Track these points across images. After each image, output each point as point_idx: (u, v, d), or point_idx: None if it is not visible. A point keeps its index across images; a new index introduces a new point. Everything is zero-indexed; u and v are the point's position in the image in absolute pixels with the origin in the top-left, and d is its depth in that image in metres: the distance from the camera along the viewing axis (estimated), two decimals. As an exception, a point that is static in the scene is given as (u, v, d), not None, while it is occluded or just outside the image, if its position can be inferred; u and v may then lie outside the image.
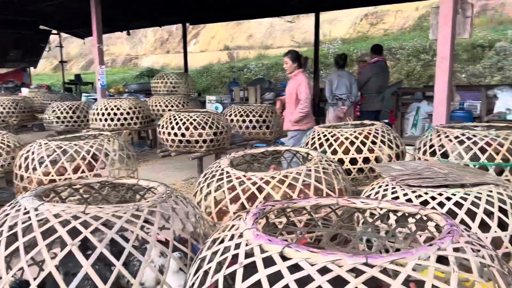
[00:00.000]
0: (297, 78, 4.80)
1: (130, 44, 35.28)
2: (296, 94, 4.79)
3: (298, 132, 4.89)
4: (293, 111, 4.83)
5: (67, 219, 1.53)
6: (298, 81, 4.78)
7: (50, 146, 3.51)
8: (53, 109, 7.17)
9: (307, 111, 4.77)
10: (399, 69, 18.19)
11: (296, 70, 4.81)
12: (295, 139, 4.88)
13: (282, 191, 2.33)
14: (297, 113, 4.78)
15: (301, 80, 4.76)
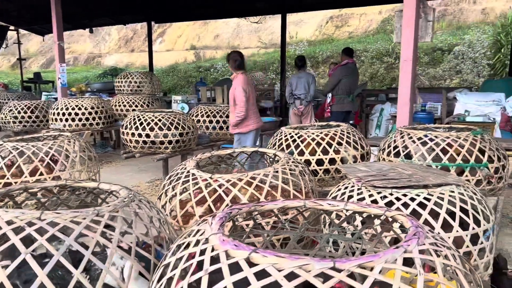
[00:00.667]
0: (235, 80, 4.72)
1: (93, 42, 34.36)
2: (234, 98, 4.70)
3: (240, 135, 4.81)
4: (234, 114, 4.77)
5: (21, 225, 1.44)
6: (234, 84, 4.68)
7: (5, 148, 3.33)
8: (10, 108, 6.84)
9: (243, 115, 4.63)
10: (363, 71, 18.58)
11: (236, 71, 4.73)
12: (238, 143, 4.83)
13: (249, 193, 2.30)
14: (235, 117, 4.69)
15: (237, 83, 4.63)
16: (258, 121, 4.83)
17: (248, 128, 4.74)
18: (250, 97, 4.67)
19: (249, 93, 4.65)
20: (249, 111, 4.69)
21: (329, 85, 6.71)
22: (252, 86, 4.83)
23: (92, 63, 32.88)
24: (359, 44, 21.10)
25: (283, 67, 11.53)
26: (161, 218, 1.83)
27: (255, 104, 4.86)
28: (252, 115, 4.75)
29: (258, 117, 4.88)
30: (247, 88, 4.65)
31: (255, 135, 4.81)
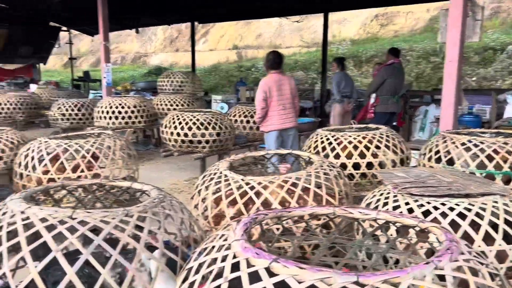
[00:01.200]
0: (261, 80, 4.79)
1: (140, 42, 35.41)
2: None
3: (264, 134, 4.83)
4: None
5: (53, 224, 1.48)
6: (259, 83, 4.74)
7: (50, 145, 3.48)
8: (58, 106, 7.17)
9: (257, 115, 4.66)
10: (408, 71, 18.00)
11: (267, 71, 4.72)
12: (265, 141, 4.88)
13: (280, 196, 2.27)
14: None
15: (260, 83, 4.68)
16: (281, 123, 4.67)
17: (268, 128, 4.71)
18: (273, 98, 4.59)
19: (272, 93, 4.57)
20: (271, 111, 4.63)
21: (373, 85, 6.51)
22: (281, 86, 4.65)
23: (138, 62, 33.90)
24: (404, 43, 20.46)
25: (324, 66, 11.37)
26: (191, 219, 1.84)
27: (283, 105, 4.68)
28: (274, 116, 4.64)
29: (283, 119, 4.69)
30: (271, 88, 4.56)
31: (277, 136, 4.70)
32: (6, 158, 4.81)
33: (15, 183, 3.60)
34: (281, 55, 4.73)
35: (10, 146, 4.87)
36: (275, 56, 4.66)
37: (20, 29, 17.31)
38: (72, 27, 17.81)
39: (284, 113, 4.61)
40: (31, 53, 18.62)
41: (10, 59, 18.99)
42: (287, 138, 4.70)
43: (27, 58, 18.81)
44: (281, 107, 4.62)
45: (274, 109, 4.59)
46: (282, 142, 4.70)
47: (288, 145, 4.63)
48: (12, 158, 4.86)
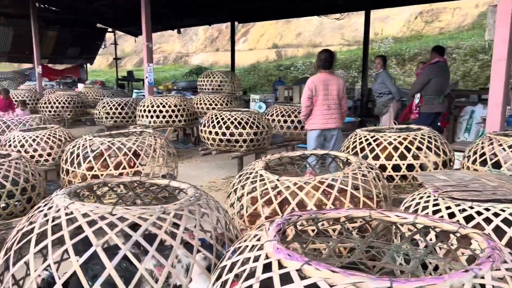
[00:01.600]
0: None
1: (181, 42, 36.13)
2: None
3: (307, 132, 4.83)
4: None
5: (94, 219, 1.54)
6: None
7: (94, 142, 3.62)
8: (103, 104, 7.45)
9: (302, 112, 4.69)
10: (454, 69, 17.34)
11: (317, 70, 4.68)
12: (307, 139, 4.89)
13: (316, 197, 2.25)
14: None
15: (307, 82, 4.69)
16: (323, 122, 4.60)
17: (311, 126, 4.69)
18: (319, 97, 4.54)
19: (318, 92, 4.53)
20: (315, 110, 4.60)
21: (417, 84, 6.23)
22: (328, 86, 4.56)
23: (180, 62, 34.59)
24: (450, 41, 19.71)
25: (365, 65, 11.16)
26: (226, 218, 1.86)
27: (328, 105, 4.59)
28: (318, 115, 4.60)
29: (326, 119, 4.62)
30: (317, 87, 4.51)
31: (318, 135, 4.67)
32: (54, 155, 5.05)
33: (61, 178, 3.78)
34: (333, 54, 4.66)
35: (58, 143, 5.12)
36: (327, 56, 4.58)
37: (68, 31, 18.15)
38: (117, 28, 18.44)
39: (328, 113, 4.55)
40: (79, 54, 19.47)
41: (59, 59, 19.94)
42: (330, 139, 4.64)
43: (75, 58, 19.69)
44: (326, 107, 4.55)
45: (318, 108, 4.55)
46: (324, 142, 4.66)
47: (330, 146, 4.57)
48: (60, 154, 5.11)
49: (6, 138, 5.16)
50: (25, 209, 3.28)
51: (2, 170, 3.09)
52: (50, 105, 8.10)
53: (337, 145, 4.58)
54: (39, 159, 4.86)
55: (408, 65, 19.67)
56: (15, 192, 3.13)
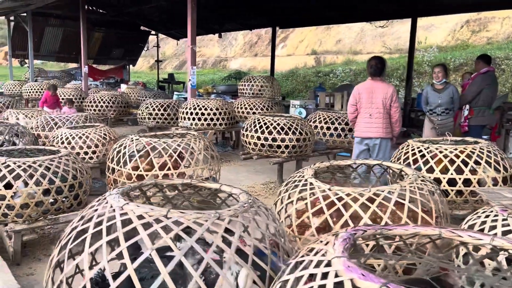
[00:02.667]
0: None
1: (220, 47, 36.58)
2: None
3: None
4: None
5: (149, 222, 1.51)
6: None
7: (140, 142, 3.64)
8: (146, 105, 7.57)
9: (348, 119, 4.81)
10: (503, 81, 16.64)
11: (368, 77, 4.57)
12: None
13: (371, 210, 2.14)
14: None
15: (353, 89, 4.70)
16: (364, 131, 4.48)
17: (355, 133, 4.70)
18: (362, 105, 4.46)
19: (361, 100, 4.45)
20: (359, 117, 4.55)
21: (469, 94, 5.86)
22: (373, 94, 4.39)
23: (218, 66, 35.00)
24: (499, 51, 18.95)
25: (409, 74, 10.83)
26: (278, 227, 1.79)
27: (370, 114, 4.43)
28: (360, 122, 4.52)
29: (367, 127, 4.46)
30: (361, 95, 4.44)
31: (358, 142, 4.57)
32: (99, 153, 5.15)
33: (107, 176, 3.83)
34: (383, 61, 4.53)
35: (102, 142, 5.22)
36: (376, 62, 4.43)
37: (113, 33, 18.74)
38: (160, 31, 18.86)
39: (369, 122, 4.42)
40: (122, 55, 20.05)
41: (104, 60, 20.61)
42: (373, 148, 4.48)
43: (118, 59, 20.28)
44: (368, 115, 4.43)
45: (361, 116, 4.48)
46: (367, 151, 4.54)
47: (374, 156, 4.42)
48: (105, 152, 5.20)
49: (54, 135, 5.31)
50: (71, 206, 3.33)
51: (52, 166, 3.15)
52: (95, 104, 8.32)
53: (381, 155, 4.40)
54: (84, 156, 4.96)
55: (453, 75, 19.04)
56: (64, 189, 3.18)
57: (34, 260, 3.23)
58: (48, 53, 18.15)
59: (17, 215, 3.05)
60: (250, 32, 34.50)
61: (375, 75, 4.37)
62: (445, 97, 5.51)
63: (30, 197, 3.06)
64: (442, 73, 5.58)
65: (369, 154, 4.51)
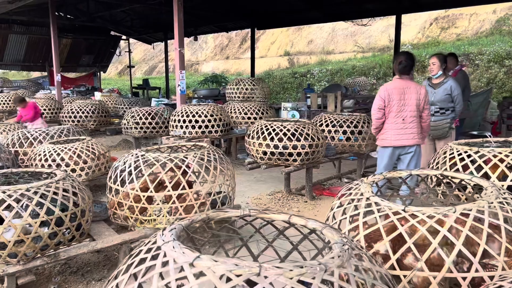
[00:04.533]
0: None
1: (191, 50, 35.98)
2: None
3: (378, 148, 4.14)
4: None
5: (240, 285, 1.08)
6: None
7: (148, 158, 3.17)
8: (132, 114, 7.01)
9: (373, 126, 4.02)
10: (478, 76, 16.89)
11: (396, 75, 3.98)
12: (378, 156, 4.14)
13: (464, 235, 1.78)
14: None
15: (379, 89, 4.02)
16: (397, 138, 3.90)
17: (382, 143, 4.00)
18: (392, 108, 3.86)
19: (391, 102, 3.85)
20: (388, 123, 3.92)
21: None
22: (405, 95, 3.85)
23: (190, 70, 34.40)
24: (471, 47, 19.31)
25: (395, 71, 10.67)
26: (385, 272, 1.39)
27: (403, 118, 3.88)
28: (390, 129, 3.91)
29: (401, 134, 3.90)
30: (391, 96, 3.83)
31: (390, 154, 3.98)
32: (88, 170, 4.62)
33: (108, 199, 3.33)
34: (412, 57, 3.96)
35: (91, 157, 4.69)
36: (406, 58, 3.88)
37: (83, 39, 17.89)
38: (132, 35, 18.16)
39: (403, 127, 3.87)
40: (92, 62, 19.19)
41: (73, 68, 19.67)
42: (405, 158, 3.98)
43: (88, 66, 19.40)
44: (401, 119, 3.87)
45: (391, 121, 3.88)
46: (397, 161, 4.05)
47: (405, 165, 3.96)
48: (94, 169, 4.67)
49: (35, 151, 4.73)
50: (73, 238, 2.82)
51: (49, 193, 2.64)
52: (73, 114, 7.68)
53: (414, 164, 3.94)
54: (72, 174, 4.42)
55: (428, 72, 19.23)
56: (64, 219, 2.67)
57: (31, 306, 2.72)
58: (13, 61, 17.14)
59: (9, 255, 2.53)
60: (221, 35, 34.05)
61: (404, 72, 3.86)
62: (439, 94, 4.61)
63: (25, 232, 2.55)
64: (438, 65, 4.59)
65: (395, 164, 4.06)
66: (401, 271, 1.80)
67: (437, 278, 1.72)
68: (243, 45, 33.40)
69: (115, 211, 3.23)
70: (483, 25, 23.43)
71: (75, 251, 2.79)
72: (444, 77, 4.65)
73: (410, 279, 1.82)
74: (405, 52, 4.02)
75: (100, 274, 3.15)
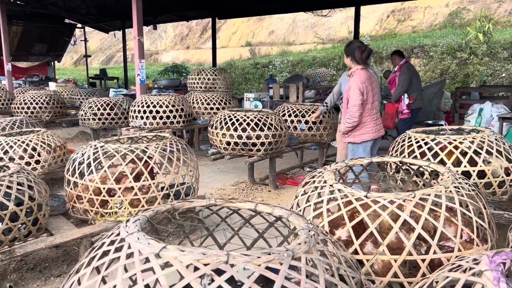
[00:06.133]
0: (353, 78, 3.80)
1: (150, 40, 35.15)
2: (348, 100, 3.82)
3: (352, 146, 3.94)
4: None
5: (208, 274, 1.07)
6: (352, 82, 3.80)
7: (107, 149, 3.08)
8: (89, 105, 6.77)
9: (354, 122, 3.76)
10: (432, 67, 17.52)
11: (355, 67, 3.82)
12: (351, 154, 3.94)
13: (423, 219, 1.84)
14: (344, 122, 3.85)
15: (355, 81, 3.74)
16: (377, 130, 3.86)
17: (362, 138, 3.85)
18: (369, 99, 3.77)
19: (367, 95, 3.75)
20: (365, 116, 3.80)
21: (404, 83, 5.97)
22: (373, 85, 3.82)
23: (149, 60, 33.63)
24: (426, 39, 19.98)
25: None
26: (347, 258, 1.42)
27: (376, 108, 3.86)
28: (369, 122, 3.81)
29: (378, 125, 3.88)
30: (367, 88, 3.74)
31: (371, 147, 3.89)
32: (44, 163, 4.43)
33: (66, 192, 3.21)
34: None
35: (47, 149, 4.50)
36: (366, 47, 3.79)
37: (35, 27, 17.02)
38: (88, 24, 17.47)
39: (377, 117, 3.84)
40: (46, 51, 18.33)
41: (24, 57, 18.70)
42: (374, 148, 3.95)
43: (41, 55, 18.52)
44: (375, 110, 3.81)
45: (368, 114, 3.78)
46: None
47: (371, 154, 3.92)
48: (50, 161, 4.49)
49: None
50: (30, 233, 2.70)
51: (3, 187, 2.51)
52: (27, 105, 7.32)
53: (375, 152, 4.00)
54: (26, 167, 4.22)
55: (385, 63, 19.77)
56: (20, 214, 2.55)
57: (-15, 306, 2.59)
58: (-44, 50, 16.07)
59: (-41, 253, 2.40)
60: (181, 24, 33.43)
61: (366, 61, 3.81)
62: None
63: (-24, 229, 2.42)
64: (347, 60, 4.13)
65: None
66: (364, 255, 1.84)
67: (398, 261, 1.78)
68: (204, 34, 32.99)
69: (74, 205, 3.12)
70: (437, 18, 24.29)
71: (32, 247, 2.67)
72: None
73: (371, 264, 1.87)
74: (358, 40, 4.05)
75: (59, 269, 3.04)
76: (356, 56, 3.79)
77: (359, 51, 3.78)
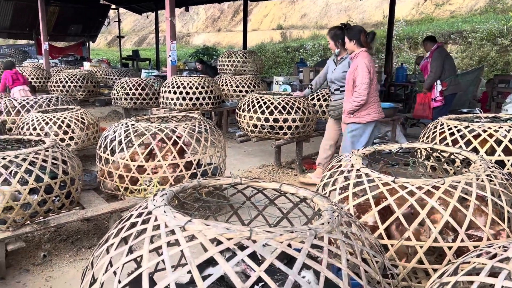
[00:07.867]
0: (358, 58, 3.82)
1: (182, 22, 35.29)
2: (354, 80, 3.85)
3: (355, 126, 3.94)
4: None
5: (230, 248, 1.09)
6: (357, 62, 3.80)
7: (138, 128, 3.15)
8: (122, 85, 6.91)
9: (362, 101, 3.78)
10: (470, 54, 16.87)
11: (358, 49, 3.84)
12: (350, 135, 3.97)
13: (451, 207, 1.81)
14: (351, 101, 3.83)
15: (361, 61, 3.77)
16: (379, 112, 3.95)
17: (367, 118, 3.87)
18: (374, 81, 3.83)
19: (372, 75, 3.81)
20: (371, 97, 3.84)
21: (437, 69, 5.75)
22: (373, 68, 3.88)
23: (181, 42, 33.80)
24: (464, 24, 19.19)
25: (389, 47, 10.61)
26: (372, 242, 1.41)
27: (377, 90, 3.99)
28: (374, 103, 3.88)
29: (379, 107, 3.98)
30: (373, 69, 3.80)
31: (373, 129, 3.99)
32: (77, 139, 4.58)
33: (99, 168, 3.31)
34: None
35: (80, 126, 4.64)
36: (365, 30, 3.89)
37: (71, 7, 17.38)
38: (121, 4, 17.70)
39: (379, 100, 3.99)
40: (81, 31, 18.73)
41: (61, 37, 19.18)
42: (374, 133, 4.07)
43: (77, 36, 18.94)
44: (377, 92, 3.98)
45: (373, 94, 3.89)
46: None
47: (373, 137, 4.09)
48: (83, 138, 4.63)
49: (23, 120, 4.66)
50: (63, 206, 2.82)
51: (38, 161, 2.61)
52: (62, 84, 7.55)
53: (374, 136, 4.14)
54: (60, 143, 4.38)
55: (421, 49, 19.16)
56: (54, 187, 2.66)
57: (21, 272, 2.73)
58: (-1, 29, 16.67)
59: (-2, 222, 2.53)
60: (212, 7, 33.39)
61: (368, 46, 3.86)
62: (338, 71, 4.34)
63: (14, 198, 2.53)
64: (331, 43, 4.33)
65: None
66: (389, 240, 1.83)
67: (424, 247, 1.76)
68: (235, 17, 32.84)
69: (105, 181, 3.22)
70: (478, 3, 23.26)
71: (65, 219, 2.79)
72: (344, 53, 4.31)
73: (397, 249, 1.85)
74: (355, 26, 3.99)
75: (90, 242, 3.16)
76: (361, 39, 3.83)
77: (363, 34, 3.85)
